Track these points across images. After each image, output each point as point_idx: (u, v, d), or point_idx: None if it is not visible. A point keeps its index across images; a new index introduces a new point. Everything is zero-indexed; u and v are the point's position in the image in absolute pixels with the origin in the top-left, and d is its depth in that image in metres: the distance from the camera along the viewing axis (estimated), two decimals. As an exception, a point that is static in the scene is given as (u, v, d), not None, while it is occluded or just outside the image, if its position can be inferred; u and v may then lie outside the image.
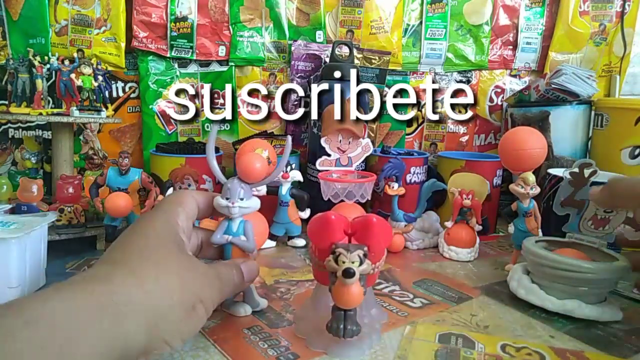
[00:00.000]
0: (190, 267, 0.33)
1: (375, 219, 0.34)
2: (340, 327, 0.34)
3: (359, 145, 0.66)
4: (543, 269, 0.44)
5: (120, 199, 0.56)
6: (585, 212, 0.49)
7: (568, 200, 0.49)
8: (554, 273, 0.43)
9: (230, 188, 0.40)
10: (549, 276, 0.44)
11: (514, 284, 0.47)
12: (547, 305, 0.43)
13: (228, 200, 0.40)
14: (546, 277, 0.44)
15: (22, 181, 0.60)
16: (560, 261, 0.43)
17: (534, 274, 0.46)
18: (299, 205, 0.63)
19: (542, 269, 0.44)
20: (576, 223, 0.50)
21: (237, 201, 0.40)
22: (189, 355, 0.35)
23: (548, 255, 0.44)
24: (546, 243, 0.48)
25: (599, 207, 0.48)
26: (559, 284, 0.43)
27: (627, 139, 0.67)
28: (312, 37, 0.85)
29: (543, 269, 0.44)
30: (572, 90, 0.73)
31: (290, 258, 0.59)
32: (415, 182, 0.70)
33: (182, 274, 0.31)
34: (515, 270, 0.48)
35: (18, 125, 0.81)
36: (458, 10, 0.88)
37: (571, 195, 0.49)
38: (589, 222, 0.49)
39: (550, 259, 0.43)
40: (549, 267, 0.43)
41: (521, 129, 0.55)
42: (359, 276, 0.33)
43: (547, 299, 0.43)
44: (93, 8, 0.79)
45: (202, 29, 0.82)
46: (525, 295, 0.45)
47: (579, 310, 0.42)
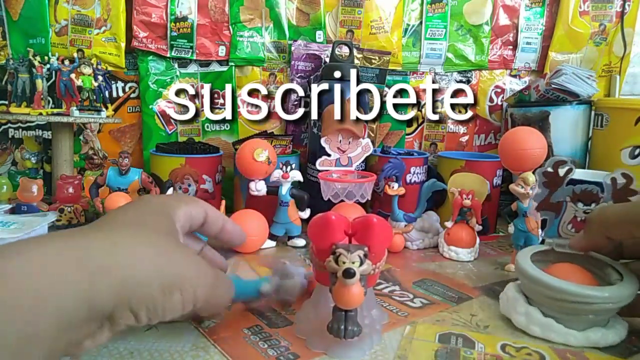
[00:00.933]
0: (177, 252, 0.32)
1: (375, 219, 0.34)
2: (341, 327, 0.34)
3: (359, 145, 0.66)
4: (555, 302, 0.38)
5: (120, 199, 0.56)
6: (564, 214, 0.44)
7: (544, 204, 0.45)
8: (568, 307, 0.38)
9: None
10: (560, 308, 0.38)
11: (521, 318, 0.40)
12: (571, 341, 0.38)
13: None
14: (556, 309, 0.39)
15: (22, 181, 0.60)
16: (573, 292, 0.37)
17: (538, 302, 0.40)
18: (299, 205, 0.63)
19: (552, 302, 0.38)
20: (555, 228, 0.45)
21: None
22: (189, 355, 0.35)
23: (561, 287, 0.38)
24: (540, 255, 0.44)
25: (584, 251, 0.42)
26: (572, 316, 0.38)
27: (627, 139, 0.67)
28: (312, 37, 0.85)
29: (555, 302, 0.38)
30: (572, 90, 0.73)
31: (290, 258, 0.59)
32: (415, 182, 0.70)
33: (164, 254, 0.30)
34: (514, 299, 0.42)
35: (18, 125, 0.81)
36: (458, 10, 0.88)
37: (547, 197, 0.45)
38: (568, 225, 0.44)
39: (563, 291, 0.37)
40: (562, 300, 0.38)
41: (521, 129, 0.55)
42: (360, 277, 0.33)
43: (569, 333, 0.38)
44: (93, 8, 0.79)
45: (202, 29, 0.82)
46: (542, 333, 0.39)
47: (603, 340, 0.38)
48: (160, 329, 0.39)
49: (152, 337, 0.38)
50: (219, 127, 0.86)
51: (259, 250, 0.62)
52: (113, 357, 0.34)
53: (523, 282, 0.42)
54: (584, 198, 0.44)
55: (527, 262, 0.41)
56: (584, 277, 0.40)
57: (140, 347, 0.36)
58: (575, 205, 0.44)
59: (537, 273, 0.40)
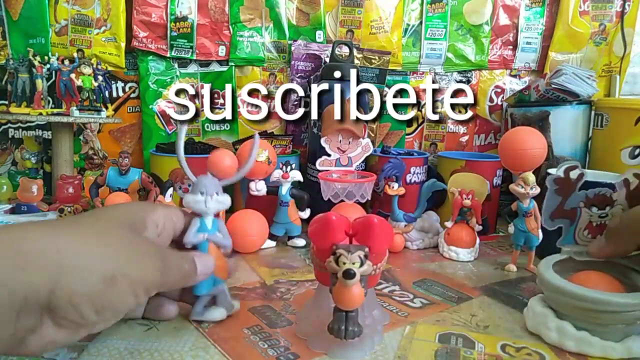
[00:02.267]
0: (124, 240, 0.31)
1: (376, 219, 0.34)
2: (341, 328, 0.34)
3: (359, 145, 0.66)
4: (587, 313, 0.36)
5: (120, 199, 0.56)
6: (579, 221, 0.43)
7: (558, 212, 0.44)
8: (602, 317, 0.36)
9: (205, 183, 0.38)
10: (593, 319, 0.37)
11: (553, 334, 0.38)
12: (611, 354, 0.36)
13: (203, 194, 0.38)
14: (589, 320, 0.37)
15: (22, 181, 0.60)
16: (606, 301, 0.35)
17: (569, 315, 0.38)
18: (299, 205, 0.64)
19: (584, 313, 0.37)
20: (571, 235, 0.44)
21: (214, 195, 0.38)
22: (189, 355, 0.35)
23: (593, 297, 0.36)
24: (560, 265, 0.42)
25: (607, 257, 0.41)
26: (606, 326, 0.37)
27: (627, 139, 0.67)
28: (312, 37, 0.85)
29: (587, 313, 0.36)
30: (572, 90, 0.73)
31: (290, 258, 0.59)
32: (415, 182, 0.70)
33: (108, 243, 0.29)
34: (543, 315, 0.39)
35: (18, 125, 0.81)
36: (458, 10, 0.88)
37: (560, 205, 0.43)
38: (584, 231, 0.43)
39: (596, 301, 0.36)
40: (595, 310, 0.36)
41: (521, 129, 0.55)
42: (360, 277, 0.33)
43: (607, 346, 0.36)
44: (93, 8, 0.79)
45: (202, 29, 0.82)
46: (577, 347, 0.37)
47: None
48: (160, 329, 0.39)
49: (152, 337, 0.38)
50: (219, 127, 0.86)
51: (259, 250, 0.62)
52: (113, 357, 0.34)
53: (549, 295, 0.39)
54: (598, 202, 0.42)
55: (552, 274, 0.40)
56: (611, 284, 0.38)
57: (140, 347, 0.36)
58: (590, 210, 0.43)
59: (564, 284, 0.38)
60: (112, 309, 0.29)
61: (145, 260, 0.31)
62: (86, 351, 0.35)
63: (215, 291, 0.40)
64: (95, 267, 0.27)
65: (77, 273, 0.27)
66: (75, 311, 0.27)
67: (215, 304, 0.40)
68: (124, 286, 0.28)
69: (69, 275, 0.26)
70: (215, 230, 0.39)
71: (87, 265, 0.27)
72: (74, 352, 0.35)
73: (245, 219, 0.60)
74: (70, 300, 0.26)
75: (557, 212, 0.44)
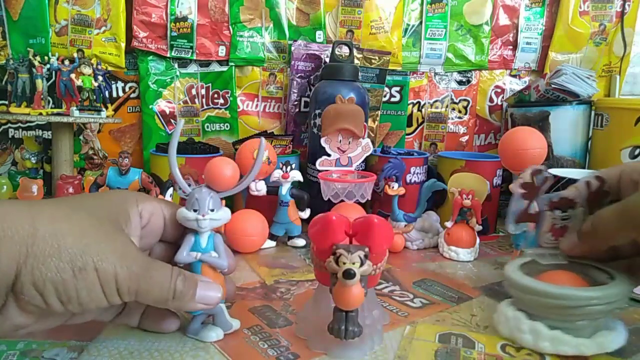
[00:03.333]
0: (102, 235, 0.29)
1: (376, 219, 0.34)
2: (341, 328, 0.34)
3: (359, 145, 0.66)
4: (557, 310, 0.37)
5: (121, 199, 0.56)
6: (543, 224, 0.43)
7: (523, 216, 0.43)
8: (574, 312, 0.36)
9: (198, 198, 0.35)
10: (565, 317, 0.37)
11: (527, 337, 0.37)
12: (584, 351, 0.36)
13: (196, 212, 0.35)
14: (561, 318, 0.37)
15: (22, 181, 0.60)
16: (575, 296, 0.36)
17: (541, 315, 0.38)
18: (299, 205, 0.64)
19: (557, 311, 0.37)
20: (535, 238, 0.44)
21: (208, 212, 0.35)
22: (189, 355, 0.35)
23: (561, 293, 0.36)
24: (525, 269, 0.41)
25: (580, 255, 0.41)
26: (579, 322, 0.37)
27: (627, 139, 0.67)
28: (312, 37, 0.85)
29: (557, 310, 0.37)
30: (572, 90, 0.73)
31: (290, 258, 0.59)
32: (415, 182, 0.70)
33: (85, 234, 0.28)
34: (515, 318, 0.39)
35: (18, 125, 0.81)
36: (458, 10, 0.88)
37: (525, 209, 0.43)
38: (548, 234, 0.43)
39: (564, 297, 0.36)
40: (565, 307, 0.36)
41: (521, 129, 0.55)
42: (360, 277, 0.33)
43: (580, 343, 0.36)
44: (93, 8, 0.79)
45: (202, 29, 0.82)
46: (553, 347, 0.36)
47: (614, 343, 0.36)
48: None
49: (152, 337, 0.38)
50: (219, 127, 0.86)
51: (259, 250, 0.62)
52: (113, 357, 0.34)
53: (520, 297, 0.39)
54: (561, 205, 0.42)
55: (520, 275, 0.39)
56: (576, 281, 0.39)
57: (140, 347, 0.36)
58: (553, 212, 0.42)
59: (535, 283, 0.38)
60: (78, 301, 0.27)
61: (122, 261, 0.29)
62: (86, 351, 0.35)
63: (211, 310, 0.37)
64: (66, 256, 0.27)
65: (46, 258, 0.26)
66: (40, 297, 0.26)
67: (213, 323, 0.38)
68: (94, 280, 0.28)
69: (37, 260, 0.26)
70: (210, 248, 0.36)
71: (59, 252, 0.26)
72: (74, 352, 0.35)
73: (245, 219, 0.60)
74: (35, 285, 0.26)
75: (522, 216, 0.43)
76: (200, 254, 0.35)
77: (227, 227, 0.59)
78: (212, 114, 0.85)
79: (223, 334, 0.38)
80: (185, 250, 0.35)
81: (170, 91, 0.83)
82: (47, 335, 0.38)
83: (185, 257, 0.35)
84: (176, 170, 0.36)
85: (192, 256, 0.35)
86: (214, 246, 0.36)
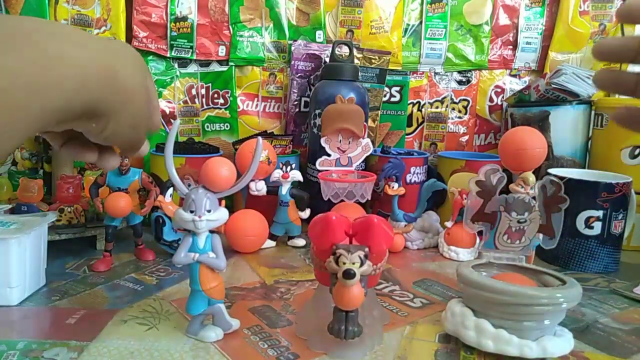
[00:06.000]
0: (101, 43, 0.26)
1: (376, 219, 0.34)
2: (341, 328, 0.34)
3: (359, 145, 0.66)
4: (503, 307, 0.36)
5: (120, 199, 0.56)
6: (499, 225, 0.43)
7: (479, 215, 0.43)
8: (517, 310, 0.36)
9: (195, 199, 0.35)
10: (509, 314, 0.36)
11: (471, 334, 0.37)
12: (528, 353, 0.35)
13: (193, 213, 0.35)
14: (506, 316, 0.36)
15: (22, 181, 0.60)
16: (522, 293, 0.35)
17: (486, 312, 0.37)
18: (299, 205, 0.64)
19: (503, 308, 0.36)
20: (491, 240, 0.44)
21: (204, 214, 0.35)
22: (189, 355, 0.35)
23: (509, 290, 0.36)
24: (480, 269, 0.41)
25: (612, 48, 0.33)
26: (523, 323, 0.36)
27: (627, 139, 0.67)
28: (312, 37, 0.85)
29: (503, 307, 0.36)
30: (572, 90, 0.73)
31: (290, 258, 0.59)
32: (415, 182, 0.70)
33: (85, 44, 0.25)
34: (461, 314, 0.38)
35: (18, 125, 0.81)
36: (458, 10, 0.88)
37: (481, 208, 0.43)
38: (504, 236, 0.43)
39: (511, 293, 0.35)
40: (510, 304, 0.36)
41: (521, 129, 0.55)
42: (360, 277, 0.33)
43: (524, 344, 0.35)
44: (93, 8, 0.79)
45: (202, 29, 0.82)
46: (495, 347, 0.36)
47: (559, 349, 0.36)
48: (160, 329, 0.39)
49: (152, 337, 0.38)
50: (219, 127, 0.86)
51: (259, 250, 0.62)
52: (113, 357, 0.34)
53: (469, 292, 0.39)
54: (517, 207, 0.43)
55: (471, 270, 0.39)
56: (525, 282, 0.38)
57: (140, 347, 0.36)
58: (510, 215, 0.42)
59: (483, 279, 0.37)
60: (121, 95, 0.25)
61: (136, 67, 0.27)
62: (86, 351, 0.35)
63: (210, 311, 0.37)
64: (101, 69, 0.24)
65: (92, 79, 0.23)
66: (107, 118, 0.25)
67: (213, 323, 0.38)
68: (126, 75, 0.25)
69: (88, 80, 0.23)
70: (208, 249, 0.36)
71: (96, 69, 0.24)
72: (74, 352, 0.35)
73: (245, 219, 0.60)
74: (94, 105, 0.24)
75: (477, 215, 0.43)
76: (198, 255, 0.36)
77: (227, 227, 0.59)
78: (212, 113, 0.85)
79: (223, 334, 0.38)
80: (183, 250, 0.36)
81: (170, 91, 0.83)
82: (47, 335, 0.38)
83: (183, 258, 0.35)
84: (173, 172, 0.36)
85: (190, 257, 0.36)
86: (211, 247, 0.36)
